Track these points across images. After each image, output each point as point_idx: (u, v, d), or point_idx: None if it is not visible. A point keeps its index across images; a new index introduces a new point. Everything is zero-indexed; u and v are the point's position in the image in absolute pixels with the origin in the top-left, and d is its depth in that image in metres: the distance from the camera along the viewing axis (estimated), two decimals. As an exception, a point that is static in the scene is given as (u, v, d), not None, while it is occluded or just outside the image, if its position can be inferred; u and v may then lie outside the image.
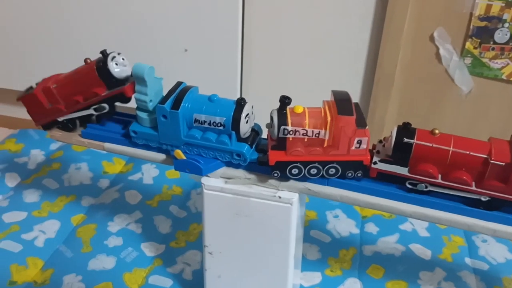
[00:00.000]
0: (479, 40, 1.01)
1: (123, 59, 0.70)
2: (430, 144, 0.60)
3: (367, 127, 0.60)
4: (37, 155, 1.17)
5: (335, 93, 0.62)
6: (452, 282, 0.87)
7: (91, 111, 0.72)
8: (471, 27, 1.00)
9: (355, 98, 1.15)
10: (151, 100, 0.68)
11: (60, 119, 0.74)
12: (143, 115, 0.69)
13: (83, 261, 0.89)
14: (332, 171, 0.63)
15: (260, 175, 0.67)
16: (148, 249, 0.92)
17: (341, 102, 0.60)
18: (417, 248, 0.95)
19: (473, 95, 1.07)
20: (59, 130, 0.75)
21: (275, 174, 0.64)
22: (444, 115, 1.10)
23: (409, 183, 0.63)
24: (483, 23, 0.99)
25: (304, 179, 0.65)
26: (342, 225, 1.00)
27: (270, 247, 0.70)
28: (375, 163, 0.63)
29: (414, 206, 0.64)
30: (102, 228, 0.96)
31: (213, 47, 1.13)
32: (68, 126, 0.75)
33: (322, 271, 0.89)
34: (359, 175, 0.64)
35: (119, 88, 0.69)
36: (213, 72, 1.15)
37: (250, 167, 0.67)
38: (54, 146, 1.21)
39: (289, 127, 0.60)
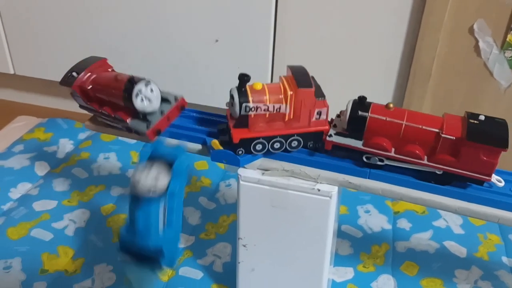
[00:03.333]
0: (521, 33, 0.98)
1: (151, 90, 0.66)
2: (384, 118, 0.61)
3: (325, 97, 0.62)
4: (65, 144, 1.17)
5: (292, 68, 0.64)
6: (489, 281, 0.85)
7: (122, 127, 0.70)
8: (514, 19, 0.97)
9: (389, 91, 1.12)
10: None
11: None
12: None
13: (114, 251, 0.88)
14: (294, 143, 0.65)
15: (298, 167, 0.65)
16: (178, 241, 0.91)
17: (299, 75, 0.62)
18: (451, 246, 0.92)
19: (512, 89, 1.04)
20: (92, 123, 0.75)
21: (240, 152, 0.65)
22: (481, 110, 1.07)
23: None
24: (527, 15, 0.96)
25: (268, 154, 0.66)
26: (373, 220, 0.98)
27: (306, 241, 0.69)
28: (330, 136, 0.64)
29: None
30: (131, 219, 0.95)
31: (244, 38, 1.11)
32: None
33: (355, 266, 0.88)
34: (319, 145, 0.65)
35: (142, 130, 0.67)
36: (244, 63, 1.14)
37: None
38: (82, 135, 1.21)
39: (251, 104, 0.61)
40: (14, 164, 1.09)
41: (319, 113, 0.63)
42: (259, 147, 0.65)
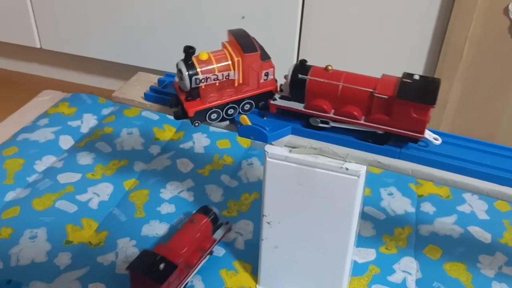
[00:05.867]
0: (558, 14, 0.94)
1: None
2: (322, 80, 0.62)
3: (270, 58, 0.65)
4: (89, 119, 1.18)
5: (233, 33, 0.65)
6: (513, 268, 0.84)
7: None
8: (551, -1, 0.93)
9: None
10: None
11: None
12: None
13: (137, 226, 0.89)
14: (247, 106, 0.67)
15: (327, 145, 0.64)
16: (200, 217, 0.92)
17: (243, 40, 0.64)
18: (476, 231, 0.91)
19: (545, 74, 1.01)
20: (122, 93, 0.74)
21: (196, 124, 0.66)
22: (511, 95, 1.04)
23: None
24: None
25: (223, 121, 0.68)
26: (397, 203, 0.97)
27: (331, 220, 0.68)
28: (274, 99, 0.66)
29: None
30: (154, 195, 0.96)
31: (271, 15, 1.10)
32: None
33: (377, 248, 0.87)
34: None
35: None
36: (270, 41, 1.12)
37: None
38: (106, 111, 1.21)
39: (200, 76, 0.62)
40: (39, 137, 1.10)
41: (267, 74, 0.65)
42: (214, 116, 0.66)
